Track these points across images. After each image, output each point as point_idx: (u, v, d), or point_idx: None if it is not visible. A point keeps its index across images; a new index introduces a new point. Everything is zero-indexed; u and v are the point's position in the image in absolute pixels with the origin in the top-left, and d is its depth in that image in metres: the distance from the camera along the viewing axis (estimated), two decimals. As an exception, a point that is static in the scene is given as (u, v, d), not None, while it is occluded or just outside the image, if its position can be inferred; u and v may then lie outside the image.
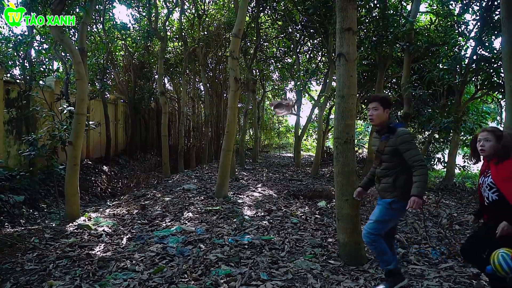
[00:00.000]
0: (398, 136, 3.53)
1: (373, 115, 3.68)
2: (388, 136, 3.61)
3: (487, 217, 3.30)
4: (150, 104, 17.02)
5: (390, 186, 3.60)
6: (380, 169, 3.72)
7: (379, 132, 3.74)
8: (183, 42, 15.09)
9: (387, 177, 3.64)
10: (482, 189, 3.25)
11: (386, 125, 3.67)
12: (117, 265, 4.24)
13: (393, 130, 3.59)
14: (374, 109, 3.68)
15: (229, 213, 6.71)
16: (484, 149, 3.14)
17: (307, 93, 15.28)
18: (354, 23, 4.35)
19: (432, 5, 11.85)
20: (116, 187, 10.68)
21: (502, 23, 5.57)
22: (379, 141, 3.74)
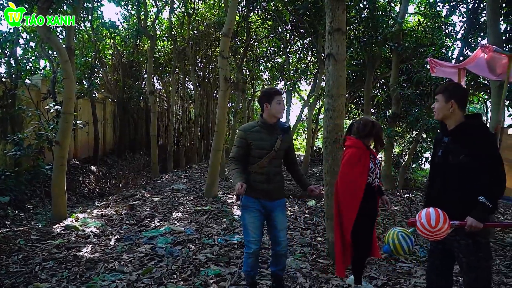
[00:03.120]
0: (290, 134, 3.57)
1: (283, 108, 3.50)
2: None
3: (372, 200, 3.59)
4: (139, 104, 16.88)
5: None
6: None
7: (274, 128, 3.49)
8: (172, 41, 15.01)
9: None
10: (374, 173, 3.55)
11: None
12: (105, 266, 4.20)
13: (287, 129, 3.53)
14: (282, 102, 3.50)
15: (219, 213, 6.70)
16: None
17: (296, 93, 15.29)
18: (344, 23, 4.37)
19: (420, 6, 11.97)
20: (104, 187, 10.58)
21: (488, 25, 5.65)
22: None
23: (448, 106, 2.66)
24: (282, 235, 3.45)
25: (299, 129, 24.20)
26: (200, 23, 16.29)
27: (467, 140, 2.60)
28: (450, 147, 2.68)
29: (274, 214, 3.43)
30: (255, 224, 3.36)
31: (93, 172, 11.30)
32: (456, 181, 2.63)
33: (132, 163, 14.15)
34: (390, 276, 4.09)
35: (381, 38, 9.15)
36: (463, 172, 2.59)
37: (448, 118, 2.70)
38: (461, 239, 2.58)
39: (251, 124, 3.49)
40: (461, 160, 2.59)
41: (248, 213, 3.39)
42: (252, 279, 3.53)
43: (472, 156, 2.55)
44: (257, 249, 3.37)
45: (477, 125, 2.66)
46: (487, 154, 2.53)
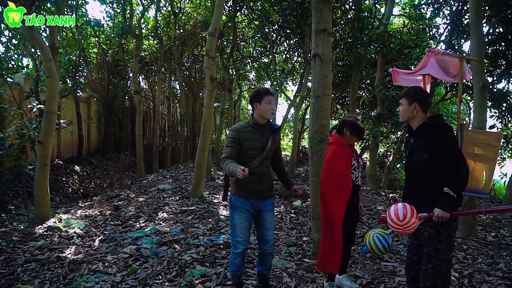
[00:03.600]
0: (279, 134, 3.63)
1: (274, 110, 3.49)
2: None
3: (355, 198, 3.66)
4: (124, 103, 16.72)
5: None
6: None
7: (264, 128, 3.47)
8: (158, 40, 14.91)
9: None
10: (357, 171, 3.62)
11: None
12: (88, 268, 4.15)
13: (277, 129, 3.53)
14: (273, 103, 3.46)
15: (205, 213, 6.67)
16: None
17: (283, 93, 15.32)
18: (330, 24, 4.39)
19: (405, 8, 12.09)
20: (88, 187, 10.45)
21: (471, 27, 5.74)
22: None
23: (412, 108, 2.87)
24: (270, 234, 3.47)
25: (285, 129, 24.25)
26: (187, 22, 16.21)
27: (428, 139, 2.78)
28: (415, 146, 2.87)
29: (264, 214, 3.44)
30: (244, 225, 3.36)
31: (77, 172, 11.15)
32: (422, 177, 2.82)
33: (117, 163, 14.00)
34: (374, 275, 4.13)
35: (367, 39, 9.23)
36: (427, 169, 2.77)
37: (412, 120, 2.91)
38: (425, 230, 2.75)
39: (242, 124, 3.47)
40: (424, 158, 2.77)
41: (237, 213, 3.38)
42: (238, 279, 3.52)
43: (433, 153, 2.73)
44: (244, 249, 3.38)
45: (436, 124, 2.83)
46: (447, 150, 2.70)
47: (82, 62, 13.80)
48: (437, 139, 2.75)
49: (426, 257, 2.80)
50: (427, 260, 2.79)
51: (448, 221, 2.71)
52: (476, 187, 3.06)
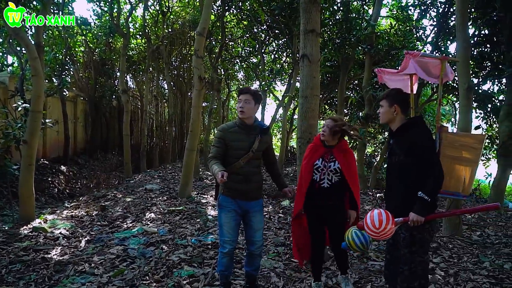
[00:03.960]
0: (269, 135, 3.57)
1: (244, 108, 3.35)
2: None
3: (318, 200, 3.57)
4: (111, 102, 16.57)
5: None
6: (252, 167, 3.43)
7: (251, 128, 3.43)
8: (146, 39, 14.81)
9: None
10: (321, 172, 3.53)
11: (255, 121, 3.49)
12: (74, 269, 4.11)
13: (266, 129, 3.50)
14: (246, 101, 3.35)
15: (193, 213, 6.65)
16: (324, 135, 3.51)
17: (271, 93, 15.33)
18: (318, 25, 4.41)
19: (392, 10, 12.19)
20: (74, 187, 10.34)
21: (457, 29, 5.81)
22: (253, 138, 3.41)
23: (392, 110, 2.90)
24: (258, 235, 3.45)
25: (274, 129, 24.29)
26: (175, 21, 16.13)
27: (405, 140, 2.82)
28: (394, 148, 2.92)
29: (251, 215, 3.43)
30: (231, 224, 3.36)
31: (63, 172, 11.02)
32: (398, 179, 2.87)
33: (104, 163, 13.87)
34: (362, 274, 4.16)
35: (355, 40, 9.29)
36: (403, 170, 2.82)
37: (392, 121, 2.94)
38: (401, 232, 2.80)
39: (229, 124, 3.49)
40: (401, 160, 2.83)
41: (224, 213, 3.39)
42: (226, 279, 3.52)
43: (410, 155, 2.77)
44: (231, 249, 3.37)
45: (415, 126, 2.87)
46: (422, 152, 2.74)
47: (69, 61, 13.64)
48: (414, 141, 2.78)
49: (402, 259, 2.85)
50: (403, 262, 2.84)
51: (422, 224, 2.74)
52: (455, 189, 3.09)
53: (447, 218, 5.83)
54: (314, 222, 3.64)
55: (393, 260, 3.00)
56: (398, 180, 2.88)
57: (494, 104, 8.87)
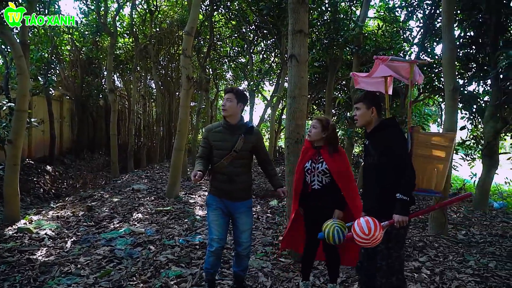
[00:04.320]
0: (257, 135, 3.53)
1: (226, 106, 3.38)
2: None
3: (311, 201, 3.56)
4: (98, 102, 16.42)
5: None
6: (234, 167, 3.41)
7: (236, 128, 3.43)
8: (134, 38, 14.71)
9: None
10: (311, 174, 3.52)
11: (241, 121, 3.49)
12: (60, 270, 4.06)
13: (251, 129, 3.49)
14: (229, 100, 3.39)
15: (180, 213, 6.62)
16: (310, 134, 3.51)
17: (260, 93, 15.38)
18: (306, 25, 4.42)
19: (380, 11, 12.29)
20: (60, 188, 10.22)
21: (443, 30, 5.88)
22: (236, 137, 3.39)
23: (369, 112, 2.99)
24: (244, 236, 3.44)
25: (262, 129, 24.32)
26: (163, 20, 16.05)
27: (380, 141, 2.91)
28: (369, 149, 3.00)
29: (237, 215, 3.42)
30: (218, 223, 3.36)
31: (49, 172, 10.88)
32: (374, 179, 2.95)
33: (91, 162, 13.74)
34: (349, 274, 4.18)
35: (342, 40, 9.33)
36: (379, 171, 2.90)
37: (369, 123, 3.03)
38: None
39: (215, 124, 3.51)
40: (376, 160, 2.91)
41: (211, 211, 3.40)
42: (211, 276, 3.51)
43: (384, 155, 2.86)
44: (219, 248, 3.35)
45: (387, 127, 2.96)
46: (395, 152, 2.83)
47: (55, 60, 13.47)
48: (387, 142, 2.87)
49: (380, 255, 2.92)
50: (381, 258, 2.91)
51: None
52: (427, 186, 3.18)
53: (433, 217, 5.90)
54: (309, 223, 3.65)
55: (368, 255, 3.07)
56: (374, 180, 2.97)
57: (479, 105, 8.99)
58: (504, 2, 7.55)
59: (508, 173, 9.72)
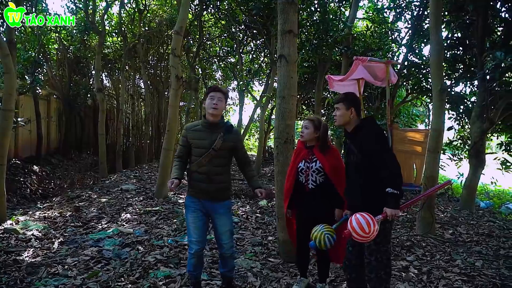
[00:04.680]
0: (236, 134, 3.51)
1: (218, 104, 3.33)
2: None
3: (303, 201, 3.60)
4: (86, 101, 16.27)
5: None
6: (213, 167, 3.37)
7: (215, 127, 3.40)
8: (122, 38, 14.60)
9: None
10: (305, 174, 3.55)
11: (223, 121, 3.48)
12: (47, 271, 4.01)
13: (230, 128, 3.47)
14: (220, 99, 3.36)
15: (169, 213, 6.59)
16: (303, 135, 3.56)
17: (249, 93, 15.36)
18: (295, 25, 4.43)
19: (369, 12, 12.37)
20: (47, 188, 10.10)
21: (431, 31, 5.96)
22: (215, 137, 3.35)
23: (349, 113, 3.07)
24: (225, 238, 3.40)
25: (252, 129, 24.32)
26: (152, 19, 15.97)
27: (361, 140, 2.98)
28: (351, 147, 3.06)
29: (215, 216, 3.40)
30: (196, 224, 3.33)
31: (36, 172, 10.75)
32: (356, 176, 3.03)
33: (79, 162, 13.61)
34: (338, 273, 4.20)
35: (332, 41, 9.37)
36: (362, 168, 2.97)
37: (348, 123, 3.11)
38: None
39: (195, 123, 3.50)
40: (358, 159, 2.97)
41: (189, 213, 3.38)
42: (195, 279, 3.50)
43: (366, 153, 2.92)
44: (199, 249, 3.33)
45: (367, 126, 3.04)
46: (379, 150, 2.90)
47: (42, 58, 13.31)
48: (369, 140, 2.95)
49: (368, 251, 2.98)
50: (369, 253, 2.97)
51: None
52: (408, 180, 3.26)
53: (421, 217, 5.97)
54: (301, 223, 3.67)
55: (356, 252, 3.11)
56: (357, 178, 3.03)
57: (466, 105, 9.10)
58: (491, 4, 7.66)
59: (495, 173, 9.85)
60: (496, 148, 10.55)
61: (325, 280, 3.73)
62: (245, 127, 15.25)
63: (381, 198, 2.88)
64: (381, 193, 2.87)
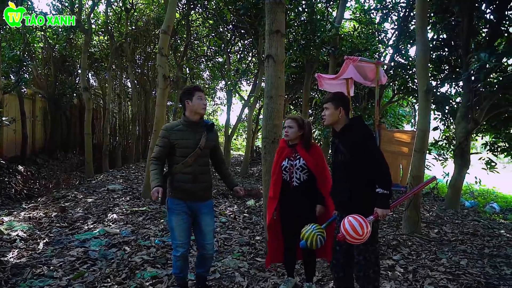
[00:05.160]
0: (216, 133, 3.56)
1: (206, 105, 3.41)
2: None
3: (288, 199, 3.60)
4: (72, 100, 16.07)
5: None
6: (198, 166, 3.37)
7: (198, 126, 3.42)
8: (109, 36, 14.47)
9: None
10: (289, 172, 3.57)
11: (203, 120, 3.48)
12: (32, 272, 3.96)
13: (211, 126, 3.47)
14: (205, 99, 3.44)
15: (156, 213, 6.56)
16: (288, 135, 3.56)
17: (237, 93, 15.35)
18: (283, 25, 4.45)
19: (356, 13, 12.45)
20: (33, 188, 9.95)
21: (417, 33, 6.02)
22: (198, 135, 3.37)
23: (338, 112, 3.08)
24: (208, 238, 3.40)
25: (239, 129, 24.31)
26: (139, 18, 15.86)
27: (349, 139, 3.00)
28: (339, 147, 3.08)
29: (200, 217, 3.38)
30: (182, 227, 3.30)
31: (21, 172, 10.59)
32: (344, 176, 3.04)
33: (64, 162, 13.45)
34: (325, 272, 4.23)
35: (319, 41, 9.42)
36: (350, 168, 2.99)
37: (337, 123, 3.12)
38: None
39: (174, 123, 3.44)
40: (347, 158, 2.99)
41: (174, 216, 3.31)
42: (182, 281, 3.49)
43: (355, 153, 2.94)
44: (185, 252, 3.32)
45: (356, 125, 3.06)
46: (368, 149, 2.92)
47: (27, 57, 13.12)
48: (358, 139, 2.97)
49: (357, 250, 3.00)
50: (358, 253, 3.00)
51: None
52: (395, 181, 3.29)
53: (407, 216, 6.03)
54: (287, 221, 3.68)
55: (343, 251, 3.13)
56: (344, 177, 3.05)
57: (451, 106, 9.22)
58: (476, 6, 7.77)
59: (479, 173, 10.00)
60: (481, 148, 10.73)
61: (311, 279, 3.75)
62: (233, 127, 15.24)
63: (368, 197, 2.91)
64: (368, 192, 2.91)
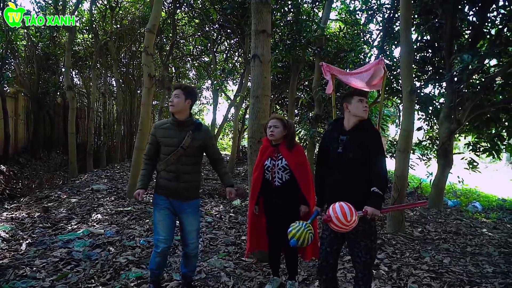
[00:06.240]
0: (206, 132, 3.49)
1: (174, 102, 3.36)
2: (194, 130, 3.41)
3: (270, 199, 3.64)
4: (56, 99, 15.83)
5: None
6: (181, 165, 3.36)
7: (184, 125, 3.40)
8: (93, 35, 14.30)
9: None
10: (271, 171, 3.60)
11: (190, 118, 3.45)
12: (15, 273, 3.90)
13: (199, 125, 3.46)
14: (176, 96, 3.37)
15: (142, 213, 6.51)
16: (274, 135, 3.56)
17: (223, 93, 15.32)
18: (269, 25, 4.46)
19: (341, 13, 12.55)
20: (15, 188, 9.78)
21: (401, 34, 6.09)
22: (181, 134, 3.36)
23: (345, 108, 3.16)
24: (191, 237, 3.41)
25: (226, 129, 24.27)
26: (124, 17, 15.70)
27: (361, 138, 3.01)
28: (350, 144, 3.07)
29: (183, 215, 3.39)
30: (164, 223, 3.32)
31: (3, 172, 10.40)
32: (355, 173, 3.02)
33: (48, 162, 13.23)
34: (310, 272, 4.25)
35: (305, 41, 9.46)
36: (359, 165, 2.99)
37: (345, 119, 3.17)
38: (360, 226, 2.91)
39: (163, 121, 3.48)
40: (358, 155, 2.99)
41: (157, 211, 3.36)
42: (156, 278, 3.49)
43: (366, 151, 2.96)
44: (165, 248, 3.32)
45: (368, 126, 3.10)
46: (376, 150, 2.96)
47: (10, 55, 12.88)
48: (372, 139, 2.99)
49: (364, 250, 3.01)
50: (366, 252, 3.01)
51: (375, 217, 2.93)
52: None
53: (391, 215, 6.10)
54: (270, 221, 3.70)
55: (334, 252, 3.15)
56: (356, 173, 3.02)
57: (434, 106, 9.36)
58: (459, 8, 7.90)
59: (462, 173, 10.17)
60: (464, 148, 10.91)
61: (294, 277, 3.76)
62: (219, 126, 15.20)
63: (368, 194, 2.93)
64: (368, 189, 2.92)
